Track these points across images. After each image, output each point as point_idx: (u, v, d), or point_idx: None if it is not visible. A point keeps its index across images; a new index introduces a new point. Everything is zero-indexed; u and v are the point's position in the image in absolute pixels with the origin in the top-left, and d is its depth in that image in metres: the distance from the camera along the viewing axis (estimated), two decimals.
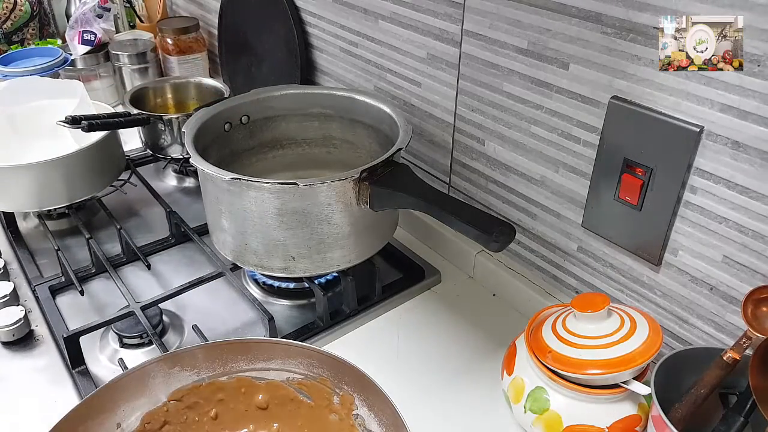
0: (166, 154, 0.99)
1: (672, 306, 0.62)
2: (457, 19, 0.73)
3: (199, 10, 1.34)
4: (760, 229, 0.52)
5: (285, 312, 0.77)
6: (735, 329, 0.57)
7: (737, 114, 0.51)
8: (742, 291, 0.55)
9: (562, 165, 0.68)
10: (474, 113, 0.76)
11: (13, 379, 0.67)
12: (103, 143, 0.86)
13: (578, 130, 0.64)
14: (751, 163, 0.51)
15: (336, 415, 0.56)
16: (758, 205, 0.52)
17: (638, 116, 0.57)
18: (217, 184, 0.68)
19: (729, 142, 0.52)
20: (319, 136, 0.86)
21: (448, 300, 0.80)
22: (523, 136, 0.71)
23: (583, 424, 0.56)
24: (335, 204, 0.66)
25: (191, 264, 0.84)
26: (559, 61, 0.63)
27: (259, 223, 0.67)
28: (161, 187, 1.00)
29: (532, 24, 0.64)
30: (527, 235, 0.76)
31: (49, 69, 1.14)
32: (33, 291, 0.78)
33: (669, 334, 0.63)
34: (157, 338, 0.69)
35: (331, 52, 0.98)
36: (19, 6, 1.38)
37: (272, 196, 0.65)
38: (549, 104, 0.66)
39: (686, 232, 0.58)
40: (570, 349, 0.56)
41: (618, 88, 0.59)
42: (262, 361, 0.57)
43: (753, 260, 0.54)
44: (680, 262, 0.60)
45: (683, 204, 0.57)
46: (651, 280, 0.63)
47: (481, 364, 0.69)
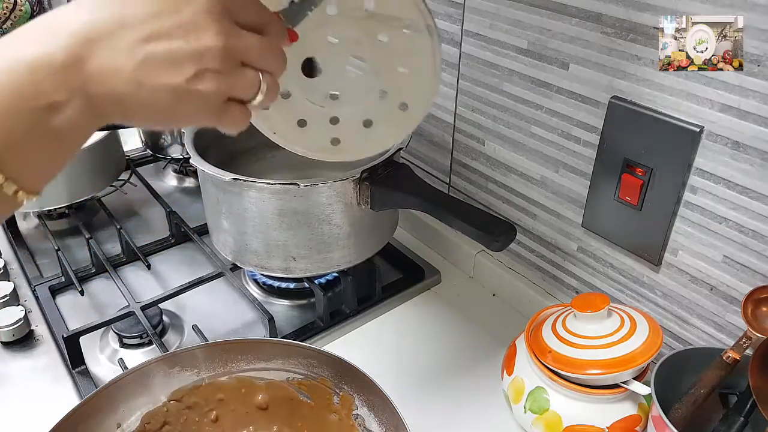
0: (166, 154, 0.98)
1: (672, 306, 0.62)
2: (457, 19, 0.73)
3: None
4: (760, 229, 0.52)
5: (285, 312, 0.77)
6: (735, 329, 0.57)
7: (737, 114, 0.51)
8: (742, 291, 0.55)
9: (562, 165, 0.68)
10: (474, 113, 0.76)
11: (13, 379, 0.67)
12: (103, 143, 0.86)
13: (578, 130, 0.64)
14: (751, 163, 0.51)
15: (336, 415, 0.56)
16: (758, 205, 0.52)
17: (638, 116, 0.57)
18: (218, 185, 0.68)
19: (729, 142, 0.52)
20: None
21: (448, 300, 0.80)
22: (523, 136, 0.71)
23: (583, 424, 0.56)
24: (336, 204, 0.66)
25: (191, 264, 0.84)
26: (559, 61, 0.63)
27: (260, 224, 0.67)
28: (161, 187, 1.00)
29: (532, 24, 0.64)
30: (527, 235, 0.76)
31: None
32: (33, 291, 0.78)
33: (669, 334, 0.63)
34: (157, 338, 0.69)
35: None
36: (19, 6, 1.38)
37: (273, 196, 0.65)
38: (549, 104, 0.66)
39: (686, 232, 0.58)
40: (570, 349, 0.56)
41: (618, 88, 0.59)
42: (262, 361, 0.57)
43: (753, 260, 0.54)
44: (680, 262, 0.60)
45: (683, 204, 0.57)
46: (651, 280, 0.63)
47: (481, 364, 0.69)
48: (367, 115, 0.54)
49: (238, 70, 0.35)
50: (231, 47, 0.34)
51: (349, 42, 0.50)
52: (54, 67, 0.30)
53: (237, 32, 0.34)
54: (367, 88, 0.52)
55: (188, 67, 0.32)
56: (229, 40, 0.33)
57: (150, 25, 0.32)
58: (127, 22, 0.31)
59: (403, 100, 0.53)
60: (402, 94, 0.53)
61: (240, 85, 0.35)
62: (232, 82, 0.35)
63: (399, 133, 0.56)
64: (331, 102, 0.53)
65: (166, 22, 0.32)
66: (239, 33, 0.35)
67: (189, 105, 0.34)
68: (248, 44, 0.35)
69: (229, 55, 0.34)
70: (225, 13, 0.34)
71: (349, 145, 0.55)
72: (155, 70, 0.32)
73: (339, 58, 0.51)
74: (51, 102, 0.30)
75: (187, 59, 0.32)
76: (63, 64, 0.30)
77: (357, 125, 0.54)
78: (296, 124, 0.54)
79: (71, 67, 0.30)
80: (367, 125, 0.54)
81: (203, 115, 0.35)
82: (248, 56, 0.35)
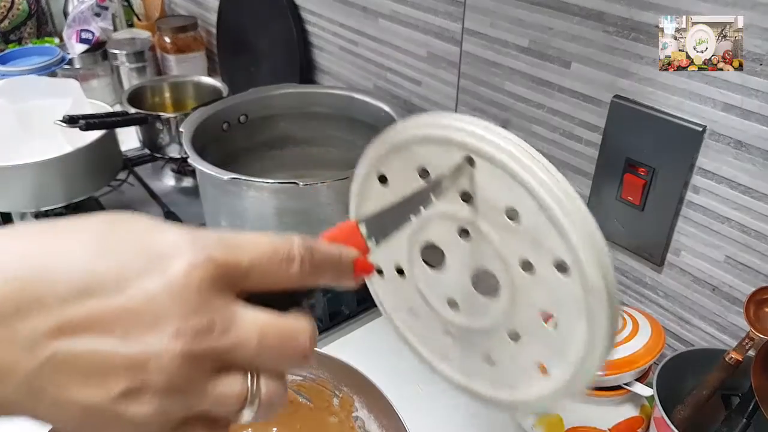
0: (164, 154, 0.98)
1: (674, 307, 0.62)
2: (457, 17, 0.72)
3: (198, 8, 1.33)
4: (762, 230, 0.52)
5: None
6: (737, 330, 0.57)
7: (740, 113, 0.50)
8: (744, 292, 0.55)
9: (564, 164, 0.67)
10: (475, 112, 0.76)
11: None
12: (101, 143, 0.86)
13: (580, 129, 0.64)
14: (753, 163, 0.51)
15: (335, 417, 0.55)
16: (761, 205, 0.52)
17: (640, 116, 0.57)
18: (216, 184, 0.67)
19: (732, 141, 0.52)
20: (318, 135, 0.85)
21: None
22: (524, 136, 0.70)
23: (585, 426, 0.55)
24: (335, 204, 0.65)
25: None
26: (560, 60, 0.63)
27: (259, 223, 0.67)
28: (159, 187, 0.99)
29: (533, 22, 0.64)
30: None
31: (46, 68, 1.14)
32: None
33: (671, 335, 0.63)
34: None
35: (331, 51, 0.98)
36: (16, 5, 1.37)
37: (272, 196, 0.64)
38: (550, 103, 0.66)
39: (689, 232, 0.58)
40: None
41: (620, 87, 0.58)
42: None
43: (756, 260, 0.53)
44: (683, 263, 0.59)
45: (686, 204, 0.57)
46: (653, 281, 0.63)
47: None
48: (489, 350, 0.38)
49: (209, 382, 0.23)
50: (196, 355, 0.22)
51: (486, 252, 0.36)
52: None
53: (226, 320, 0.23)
54: (495, 317, 0.37)
55: (117, 381, 0.21)
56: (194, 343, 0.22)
57: (73, 307, 0.21)
58: (44, 301, 0.21)
59: (539, 359, 0.36)
60: (540, 349, 0.36)
61: (211, 401, 0.23)
62: (196, 401, 0.23)
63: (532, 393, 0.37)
64: (449, 309, 0.40)
65: (103, 301, 0.21)
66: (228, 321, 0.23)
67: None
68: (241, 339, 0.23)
69: (195, 361, 0.22)
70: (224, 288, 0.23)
71: (458, 370, 0.42)
72: (63, 378, 0.21)
73: (468, 262, 0.37)
74: None
75: (118, 368, 0.21)
76: None
77: (474, 355, 0.40)
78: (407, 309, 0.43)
79: None
80: (489, 363, 0.39)
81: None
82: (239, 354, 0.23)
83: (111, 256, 0.22)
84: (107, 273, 0.22)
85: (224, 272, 0.23)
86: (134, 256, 0.22)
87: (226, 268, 0.23)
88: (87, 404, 0.21)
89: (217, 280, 0.22)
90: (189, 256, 0.22)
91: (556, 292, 0.33)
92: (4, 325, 0.21)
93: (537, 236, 0.33)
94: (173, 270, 0.22)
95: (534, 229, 0.33)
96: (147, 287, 0.21)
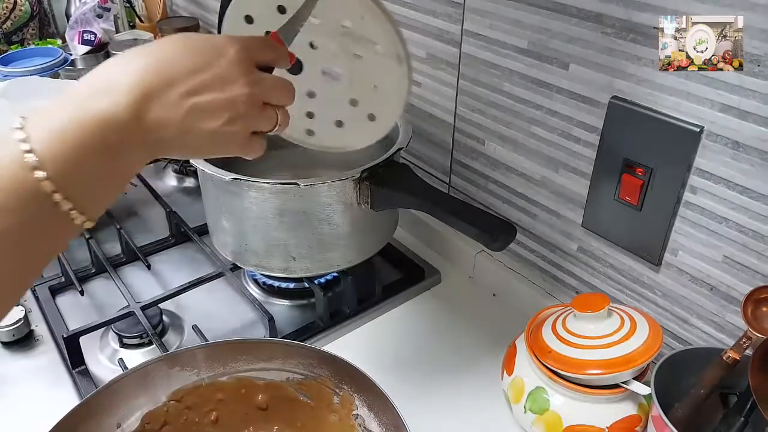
0: None
1: (672, 306, 0.62)
2: (457, 18, 0.73)
3: (199, 9, 1.34)
4: (760, 229, 0.52)
5: (285, 312, 0.77)
6: (735, 329, 0.57)
7: (737, 114, 0.51)
8: (742, 291, 0.55)
9: (562, 165, 0.67)
10: (474, 113, 0.76)
11: (13, 379, 0.67)
12: None
13: (578, 130, 0.64)
14: (751, 163, 0.51)
15: (336, 415, 0.56)
16: (758, 205, 0.52)
17: (638, 116, 0.57)
18: (218, 185, 0.68)
19: (729, 142, 0.52)
20: None
21: (448, 300, 0.80)
22: (523, 136, 0.71)
23: (583, 424, 0.56)
24: (336, 204, 0.66)
25: (191, 264, 0.84)
26: (559, 61, 0.63)
27: (260, 224, 0.67)
28: (161, 187, 1.00)
29: (532, 24, 0.64)
30: (527, 235, 0.76)
31: (49, 69, 1.14)
32: (33, 291, 0.78)
33: (669, 334, 0.63)
34: (157, 338, 0.69)
35: None
36: (19, 6, 1.38)
37: (273, 196, 0.65)
38: (549, 104, 0.66)
39: (686, 232, 0.58)
40: (570, 349, 0.56)
41: (618, 88, 0.59)
42: (262, 361, 0.57)
43: (753, 260, 0.54)
44: (680, 262, 0.60)
45: (683, 204, 0.57)
46: (651, 280, 0.63)
47: (481, 364, 0.69)
48: (338, 116, 0.60)
49: (261, 111, 0.43)
50: (255, 94, 0.41)
51: (328, 52, 0.56)
52: (118, 125, 0.35)
53: (259, 78, 0.42)
54: (340, 93, 0.58)
55: (224, 114, 0.40)
56: (253, 88, 0.41)
57: (191, 81, 0.38)
58: (173, 80, 0.38)
59: (371, 112, 0.58)
60: (371, 106, 0.58)
61: (262, 123, 0.43)
62: (257, 122, 0.43)
63: (365, 139, 0.61)
64: (309, 99, 0.59)
65: (204, 76, 0.39)
66: (260, 79, 0.42)
67: (222, 143, 0.42)
68: (267, 88, 0.43)
69: (254, 100, 0.41)
70: (250, 61, 0.41)
71: (320, 139, 0.62)
72: (198, 119, 0.39)
73: (318, 62, 0.57)
74: (116, 152, 0.36)
75: (222, 107, 0.39)
76: (125, 122, 0.36)
77: (329, 123, 0.60)
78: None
79: (132, 123, 0.36)
80: (338, 125, 0.60)
81: (232, 149, 0.43)
82: (268, 98, 0.43)
83: (197, 51, 0.39)
84: (201, 60, 0.39)
85: (251, 54, 0.42)
86: (209, 50, 0.40)
87: (250, 51, 0.42)
88: (210, 130, 0.39)
89: (251, 58, 0.42)
90: (236, 46, 0.41)
91: (377, 69, 0.55)
92: (158, 96, 0.37)
93: (363, 34, 0.53)
94: (231, 54, 0.40)
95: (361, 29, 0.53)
96: (222, 64, 0.40)
